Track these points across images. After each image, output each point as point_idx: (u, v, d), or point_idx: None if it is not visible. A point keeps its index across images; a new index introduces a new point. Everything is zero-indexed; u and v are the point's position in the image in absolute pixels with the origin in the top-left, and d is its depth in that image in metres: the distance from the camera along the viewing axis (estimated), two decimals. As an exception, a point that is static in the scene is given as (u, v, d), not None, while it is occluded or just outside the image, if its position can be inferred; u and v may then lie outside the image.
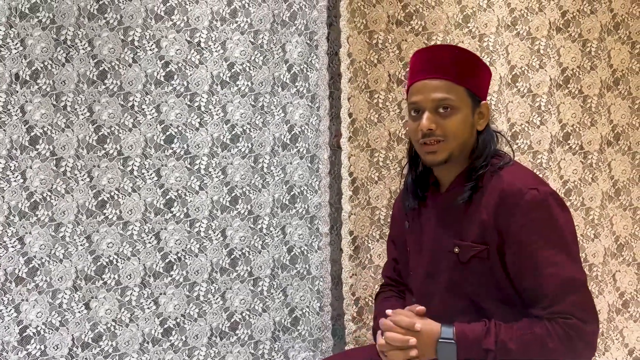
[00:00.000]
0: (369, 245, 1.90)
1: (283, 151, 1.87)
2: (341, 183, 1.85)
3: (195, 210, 1.81)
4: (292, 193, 1.89)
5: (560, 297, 1.23)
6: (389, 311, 1.34)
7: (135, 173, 1.77)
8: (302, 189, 1.89)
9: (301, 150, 1.88)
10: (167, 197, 1.79)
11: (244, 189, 1.85)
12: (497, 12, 1.91)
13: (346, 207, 1.84)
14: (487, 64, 1.87)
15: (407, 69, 1.88)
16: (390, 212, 1.90)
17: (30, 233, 1.68)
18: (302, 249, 1.89)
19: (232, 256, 1.84)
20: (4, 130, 1.65)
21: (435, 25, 1.88)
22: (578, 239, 1.89)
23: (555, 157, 1.96)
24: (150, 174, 1.78)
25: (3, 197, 1.66)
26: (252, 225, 1.86)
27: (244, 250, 1.85)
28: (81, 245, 1.72)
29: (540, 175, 1.71)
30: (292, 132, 1.88)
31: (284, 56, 1.86)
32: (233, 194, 1.84)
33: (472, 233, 1.33)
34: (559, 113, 1.97)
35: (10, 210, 1.67)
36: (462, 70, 1.35)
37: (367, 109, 1.88)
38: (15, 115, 1.66)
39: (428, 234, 1.45)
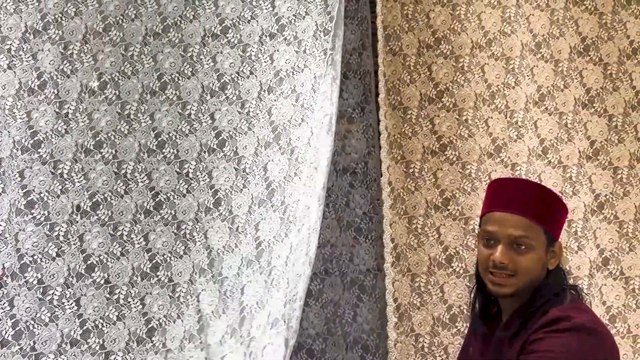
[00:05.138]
0: (414, 373, 1.85)
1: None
2: (386, 309, 1.85)
3: None
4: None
5: None
6: None
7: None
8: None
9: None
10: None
11: None
12: (528, 142, 2.01)
13: (392, 335, 1.81)
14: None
15: (444, 196, 1.96)
16: (433, 340, 1.88)
17: (150, 294, 1.78)
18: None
19: None
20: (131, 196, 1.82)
21: (469, 155, 1.99)
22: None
23: None
24: None
25: (128, 258, 1.79)
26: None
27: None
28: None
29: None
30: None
31: None
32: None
33: None
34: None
35: (133, 270, 1.78)
36: (543, 210, 1.39)
37: (407, 234, 1.94)
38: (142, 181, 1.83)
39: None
